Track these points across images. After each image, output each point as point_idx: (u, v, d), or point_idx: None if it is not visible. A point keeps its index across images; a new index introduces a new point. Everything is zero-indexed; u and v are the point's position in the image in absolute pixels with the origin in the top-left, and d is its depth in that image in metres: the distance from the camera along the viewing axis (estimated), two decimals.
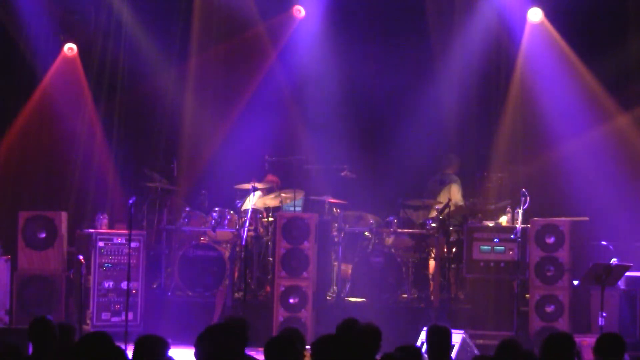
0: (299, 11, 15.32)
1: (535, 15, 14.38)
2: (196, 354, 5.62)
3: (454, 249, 13.17)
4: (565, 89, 14.24)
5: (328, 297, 13.12)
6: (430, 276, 13.06)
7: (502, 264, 12.23)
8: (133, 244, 12.18)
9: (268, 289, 13.02)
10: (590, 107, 14.12)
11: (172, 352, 6.28)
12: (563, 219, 12.09)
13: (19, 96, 14.75)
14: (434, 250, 13.03)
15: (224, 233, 13.37)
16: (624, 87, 14.04)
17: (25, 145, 14.80)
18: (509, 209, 12.65)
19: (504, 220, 12.65)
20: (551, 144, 14.23)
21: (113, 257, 12.41)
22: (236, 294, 12.63)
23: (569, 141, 14.08)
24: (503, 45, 14.59)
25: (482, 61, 14.60)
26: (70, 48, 14.99)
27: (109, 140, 14.99)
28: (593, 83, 14.18)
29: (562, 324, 11.67)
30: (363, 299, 13.07)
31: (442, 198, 13.58)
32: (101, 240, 12.41)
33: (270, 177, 14.14)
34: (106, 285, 12.38)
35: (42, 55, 14.84)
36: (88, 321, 12.21)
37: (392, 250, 13.28)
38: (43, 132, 14.87)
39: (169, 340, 12.08)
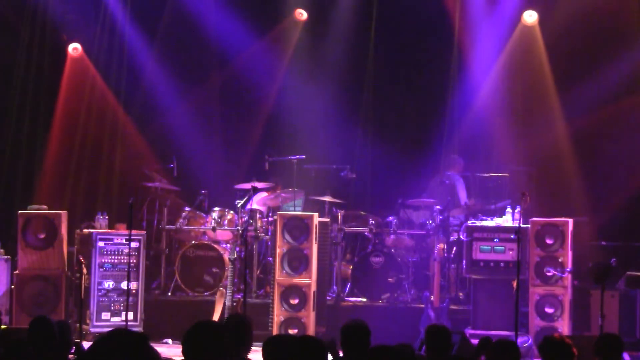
0: (302, 14, 15.30)
1: (530, 17, 14.37)
2: (183, 351, 5.64)
3: (454, 249, 13.18)
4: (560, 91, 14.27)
5: (328, 297, 13.12)
6: (431, 276, 13.05)
7: (502, 264, 12.22)
8: (133, 244, 12.18)
9: (268, 289, 13.02)
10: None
11: (172, 352, 6.26)
12: (563, 219, 12.08)
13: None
14: (434, 251, 13.02)
15: (224, 233, 13.39)
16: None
17: (26, 145, 14.81)
18: (509, 209, 12.65)
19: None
20: (552, 143, 14.24)
21: (113, 257, 12.39)
22: (236, 294, 12.62)
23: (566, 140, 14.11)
24: (500, 46, 14.62)
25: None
26: (74, 48, 14.99)
27: (109, 140, 14.98)
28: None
29: (562, 324, 11.68)
30: (363, 299, 13.07)
31: (443, 198, 13.57)
32: (101, 240, 12.40)
33: (272, 181, 14.10)
34: (106, 285, 12.38)
35: (45, 55, 14.87)
36: (88, 321, 12.21)
37: (392, 250, 13.29)
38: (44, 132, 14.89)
39: (169, 340, 12.06)
